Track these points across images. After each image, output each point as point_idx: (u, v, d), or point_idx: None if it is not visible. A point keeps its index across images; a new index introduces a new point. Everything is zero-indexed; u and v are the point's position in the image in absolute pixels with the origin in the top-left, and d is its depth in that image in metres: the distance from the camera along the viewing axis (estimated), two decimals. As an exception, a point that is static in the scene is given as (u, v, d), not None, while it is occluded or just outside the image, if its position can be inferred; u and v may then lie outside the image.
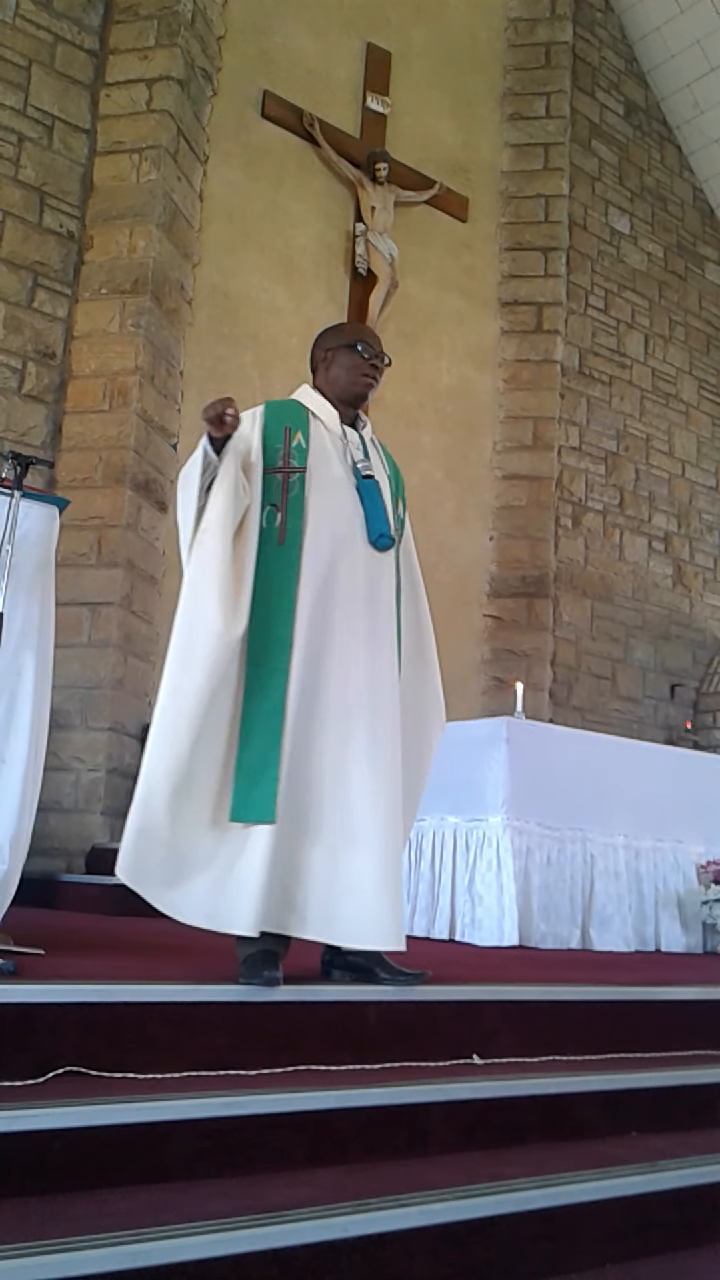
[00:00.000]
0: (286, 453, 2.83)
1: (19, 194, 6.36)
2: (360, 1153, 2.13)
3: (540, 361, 8.44)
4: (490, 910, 4.71)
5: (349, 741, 2.65)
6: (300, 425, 2.89)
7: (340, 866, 2.59)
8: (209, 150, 7.11)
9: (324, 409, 2.96)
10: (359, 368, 2.96)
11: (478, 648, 7.97)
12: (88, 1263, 1.54)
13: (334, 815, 2.62)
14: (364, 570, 2.79)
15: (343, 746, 2.65)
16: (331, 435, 2.91)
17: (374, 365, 2.96)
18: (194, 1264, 1.62)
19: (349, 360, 2.96)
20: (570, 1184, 2.09)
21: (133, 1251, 1.58)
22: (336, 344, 3.00)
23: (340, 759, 2.64)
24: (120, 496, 6.18)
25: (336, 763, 2.64)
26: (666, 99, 9.73)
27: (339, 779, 2.63)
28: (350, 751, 2.65)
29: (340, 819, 2.62)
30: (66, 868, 5.70)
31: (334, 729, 2.66)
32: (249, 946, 2.55)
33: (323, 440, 2.89)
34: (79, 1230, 1.62)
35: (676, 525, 9.40)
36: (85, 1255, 1.55)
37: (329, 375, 2.99)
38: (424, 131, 8.24)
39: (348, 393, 2.98)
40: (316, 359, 3.05)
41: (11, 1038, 2.05)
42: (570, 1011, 2.85)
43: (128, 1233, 1.63)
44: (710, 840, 5.57)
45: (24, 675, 2.77)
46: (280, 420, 2.89)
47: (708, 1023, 3.07)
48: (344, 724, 2.66)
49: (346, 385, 2.97)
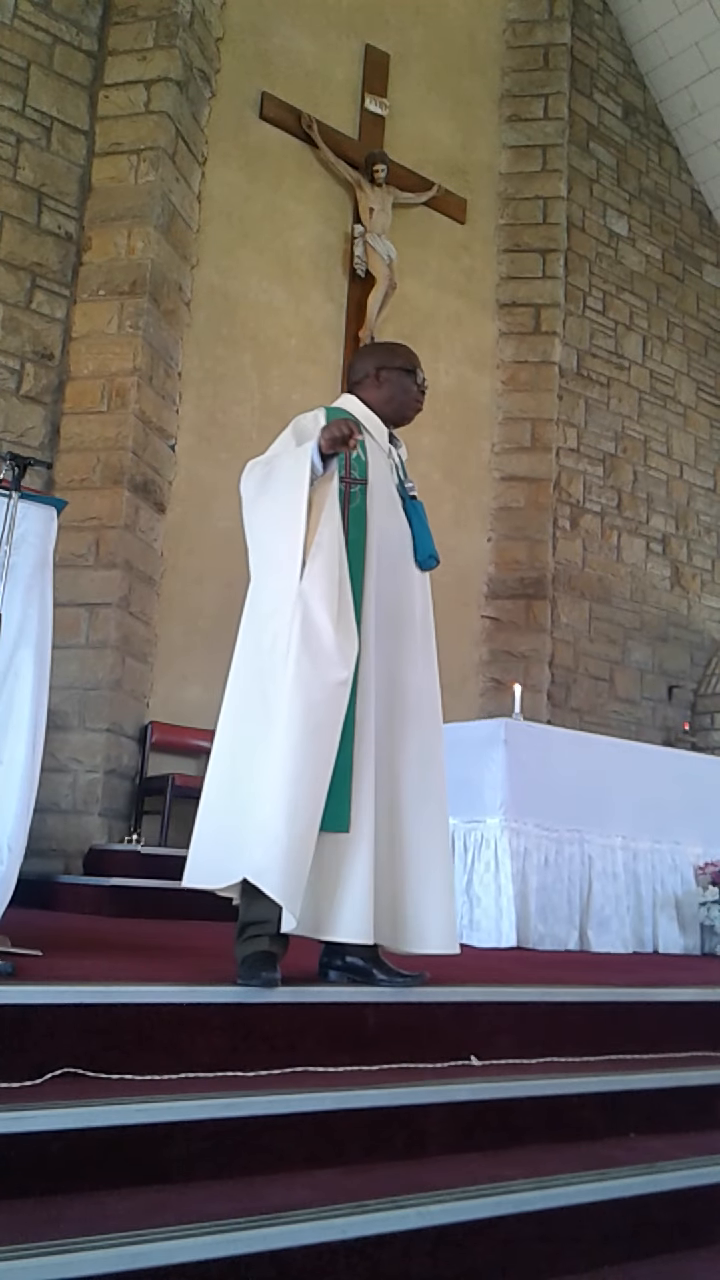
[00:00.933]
0: (348, 462, 2.83)
1: (17, 195, 6.36)
2: (358, 1154, 2.13)
3: (538, 363, 8.45)
4: (488, 911, 4.71)
5: (402, 751, 2.73)
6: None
7: (400, 873, 2.67)
8: (207, 151, 7.11)
9: (375, 425, 2.97)
10: (412, 393, 3.00)
11: (476, 649, 7.97)
12: (86, 1264, 1.54)
13: (396, 824, 2.69)
14: (412, 586, 2.87)
15: (399, 754, 2.73)
16: (380, 452, 2.94)
17: (423, 393, 3.03)
18: (192, 1265, 1.62)
19: (406, 384, 3.00)
20: (568, 1185, 2.09)
21: (131, 1253, 1.58)
22: (393, 365, 3.00)
23: (395, 768, 2.72)
24: (118, 497, 6.17)
25: (392, 772, 2.71)
26: (665, 101, 9.74)
27: (394, 788, 2.71)
28: (403, 760, 2.73)
29: (400, 828, 2.69)
30: (64, 869, 5.69)
31: (390, 739, 2.72)
32: (247, 947, 2.55)
33: (376, 455, 2.92)
34: (77, 1231, 1.62)
35: (674, 527, 9.40)
36: (84, 1256, 1.55)
37: (381, 394, 2.99)
38: (422, 133, 8.25)
39: (397, 414, 3.01)
40: (364, 373, 3.02)
41: (10, 1039, 2.05)
42: (568, 1013, 2.85)
43: (126, 1234, 1.63)
44: (708, 842, 5.57)
45: (22, 676, 2.77)
46: None
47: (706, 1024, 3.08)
48: (399, 735, 2.74)
49: (399, 408, 3.00)
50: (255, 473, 2.80)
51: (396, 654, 2.79)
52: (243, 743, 2.64)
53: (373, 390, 3.00)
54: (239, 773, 2.62)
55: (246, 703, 2.67)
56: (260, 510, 2.76)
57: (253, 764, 2.58)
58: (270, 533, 2.72)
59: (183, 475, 6.76)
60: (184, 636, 6.58)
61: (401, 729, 2.76)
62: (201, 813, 2.68)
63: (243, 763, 2.61)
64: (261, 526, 2.76)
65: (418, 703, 2.80)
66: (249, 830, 2.52)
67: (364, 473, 2.84)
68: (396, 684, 2.78)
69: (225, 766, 2.66)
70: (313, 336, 7.51)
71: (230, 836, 2.58)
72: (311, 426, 2.80)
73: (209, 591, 6.68)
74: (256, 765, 2.56)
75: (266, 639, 2.64)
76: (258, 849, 2.47)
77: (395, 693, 2.76)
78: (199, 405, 6.91)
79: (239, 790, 2.60)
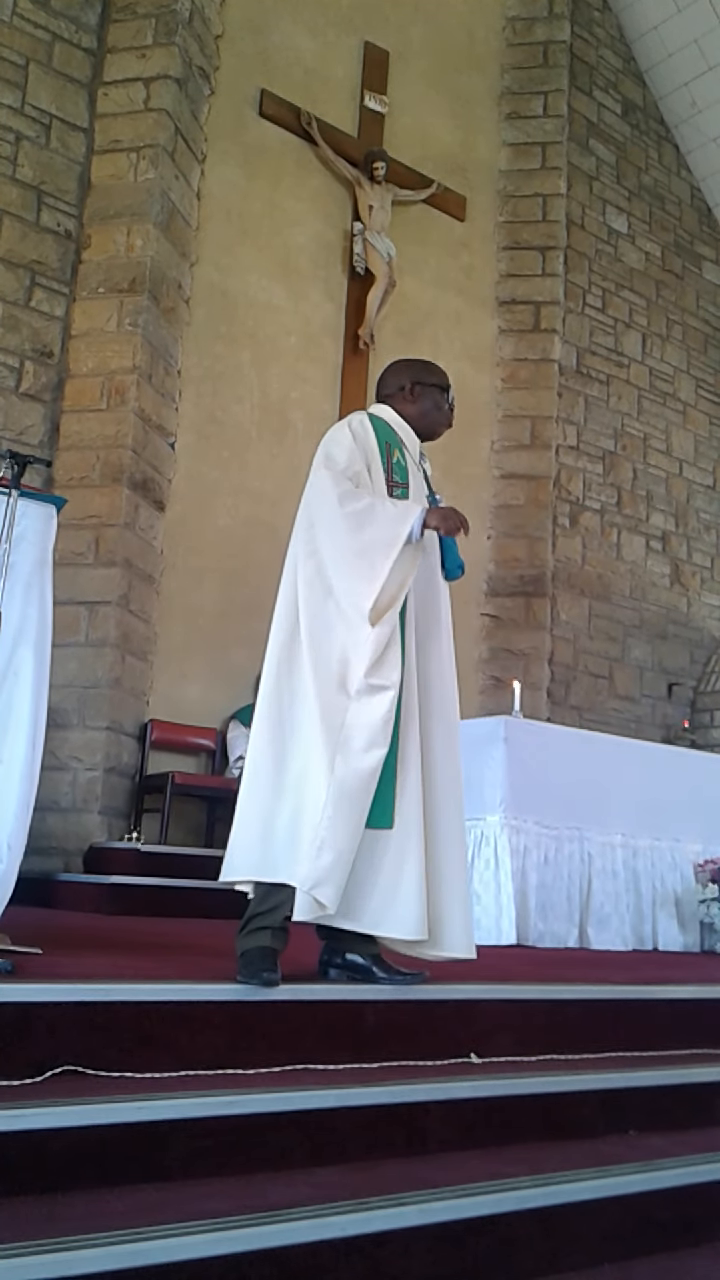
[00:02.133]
0: (389, 467, 2.89)
1: (16, 192, 6.35)
2: (358, 1152, 2.13)
3: (538, 360, 8.44)
4: (488, 909, 4.71)
5: (430, 751, 2.78)
6: (396, 444, 2.96)
7: (430, 873, 2.68)
8: (207, 149, 7.10)
9: (409, 435, 3.04)
10: (444, 410, 3.08)
11: (475, 647, 7.97)
12: (86, 1262, 1.54)
13: (429, 824, 2.72)
14: (439, 592, 2.95)
15: (429, 755, 2.78)
16: (413, 462, 2.99)
17: (452, 411, 3.11)
18: (192, 1263, 1.62)
19: (439, 400, 3.07)
20: (568, 1183, 2.09)
21: (131, 1251, 1.58)
22: (429, 381, 3.07)
23: (428, 769, 2.76)
24: (118, 495, 6.17)
25: (421, 772, 2.74)
26: (664, 98, 9.73)
27: (428, 788, 2.75)
28: (431, 761, 2.78)
29: (431, 828, 2.73)
30: (64, 867, 5.70)
31: (421, 739, 2.77)
32: (248, 943, 2.56)
33: (412, 464, 2.97)
34: (77, 1229, 1.62)
35: (674, 524, 9.40)
36: (83, 1255, 1.55)
37: (415, 408, 3.04)
38: (422, 130, 8.24)
39: (429, 430, 3.08)
40: (398, 386, 3.07)
41: (9, 1037, 2.05)
42: (568, 1010, 2.85)
43: (126, 1232, 1.63)
44: (708, 839, 5.57)
45: (22, 674, 2.77)
46: (383, 434, 2.94)
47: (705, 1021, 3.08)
48: (428, 737, 2.79)
49: (432, 423, 3.07)
50: (351, 501, 2.77)
51: (426, 658, 2.86)
52: (290, 746, 2.68)
53: (406, 404, 3.05)
54: (286, 777, 2.66)
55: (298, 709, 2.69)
56: (347, 541, 2.74)
57: (305, 769, 2.63)
58: (352, 566, 2.72)
59: (182, 473, 6.76)
60: (183, 635, 6.58)
61: (429, 731, 2.81)
62: (243, 806, 2.70)
63: (292, 767, 2.66)
64: (343, 557, 2.75)
65: (441, 706, 2.87)
66: (302, 831, 2.57)
67: (404, 477, 2.91)
68: (426, 688, 2.84)
69: (269, 765, 2.69)
70: (312, 334, 7.50)
71: (278, 835, 2.62)
72: (361, 433, 2.87)
73: (209, 589, 6.69)
74: (310, 772, 2.61)
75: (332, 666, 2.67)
76: (309, 858, 2.53)
77: (424, 696, 2.83)
78: (198, 403, 6.91)
79: (285, 790, 2.65)
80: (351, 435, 2.88)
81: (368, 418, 2.95)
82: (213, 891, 4.86)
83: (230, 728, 6.53)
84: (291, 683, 2.71)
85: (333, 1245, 1.75)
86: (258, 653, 2.95)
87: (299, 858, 2.54)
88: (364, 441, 2.87)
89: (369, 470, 2.85)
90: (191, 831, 6.42)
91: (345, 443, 2.86)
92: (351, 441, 2.86)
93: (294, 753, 2.66)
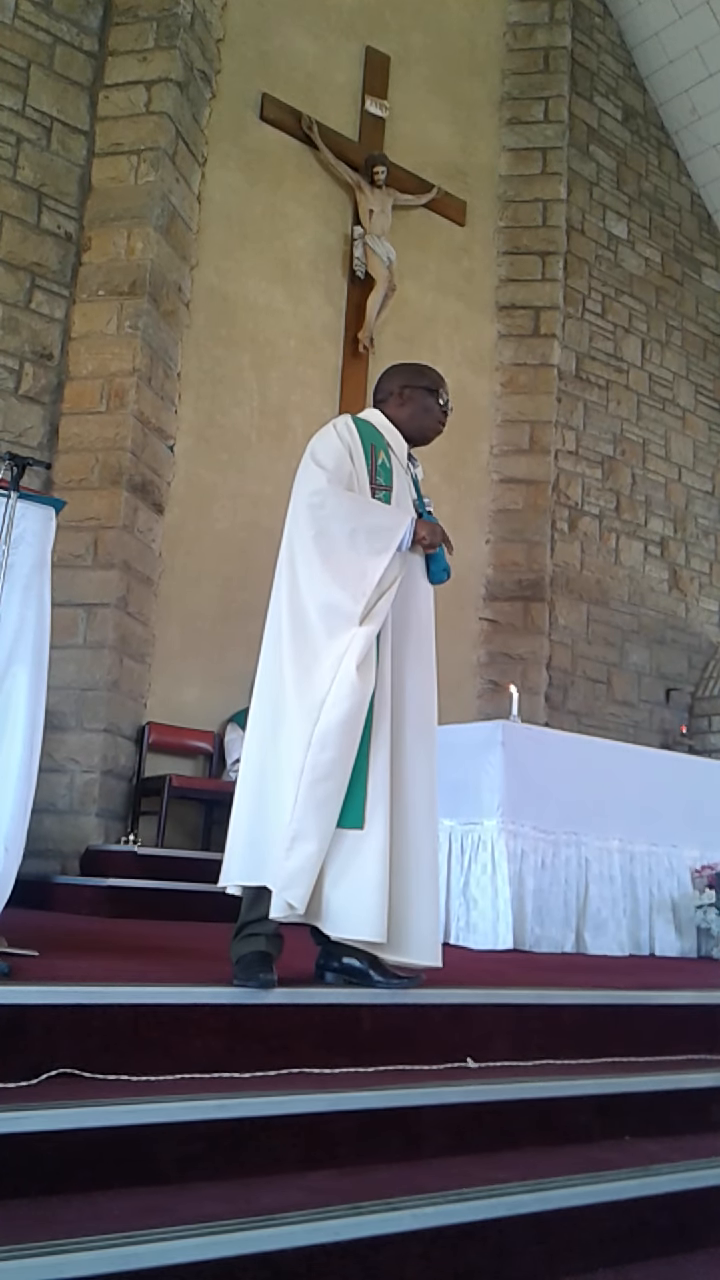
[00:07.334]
0: (373, 469, 2.90)
1: (17, 195, 6.36)
2: (353, 1156, 2.13)
3: (537, 366, 8.46)
4: (485, 914, 4.71)
5: (400, 755, 2.77)
6: (382, 447, 2.96)
7: (398, 876, 2.68)
8: (207, 152, 7.11)
9: (396, 439, 3.04)
10: (436, 414, 3.07)
11: (473, 651, 7.98)
12: (79, 1265, 1.54)
13: (398, 827, 2.71)
14: (420, 595, 2.94)
15: (401, 759, 2.77)
16: (400, 465, 3.00)
17: (446, 414, 3.10)
18: (186, 1267, 1.62)
19: (430, 404, 3.06)
20: (563, 1188, 2.09)
21: (125, 1254, 1.58)
22: (420, 384, 3.07)
23: (400, 772, 2.76)
24: (117, 498, 6.17)
25: (397, 776, 2.74)
26: (665, 104, 9.76)
27: (398, 791, 2.74)
28: (402, 764, 2.77)
29: (401, 832, 2.72)
30: (61, 869, 5.69)
31: (396, 743, 2.76)
32: (243, 948, 2.56)
33: (398, 468, 2.98)
34: (71, 1232, 1.62)
35: (673, 530, 9.41)
36: (78, 1257, 1.55)
37: (404, 411, 3.05)
38: (422, 135, 8.25)
39: (419, 433, 3.08)
40: (389, 390, 3.09)
41: (5, 1039, 2.05)
42: (564, 1015, 2.85)
43: (120, 1235, 1.63)
44: (705, 845, 5.57)
45: (19, 676, 2.77)
46: (368, 436, 2.95)
47: (701, 1027, 3.08)
48: (399, 740, 2.78)
49: (421, 427, 3.07)
50: (338, 502, 2.79)
51: (402, 661, 2.85)
52: (273, 751, 2.69)
53: (396, 407, 3.06)
54: (267, 782, 2.68)
55: (280, 714, 2.70)
56: (340, 546, 2.76)
57: (281, 772, 2.64)
58: (339, 574, 2.74)
59: (181, 476, 6.77)
60: (181, 637, 6.58)
61: (401, 734, 2.80)
62: (234, 811, 2.73)
63: (274, 771, 2.67)
64: (332, 563, 2.76)
65: (416, 710, 2.85)
66: (278, 834, 2.58)
67: (389, 480, 2.91)
68: (400, 691, 2.82)
69: (255, 770, 2.72)
70: (312, 338, 7.51)
71: (261, 840, 2.63)
72: (346, 435, 2.88)
73: (207, 592, 6.69)
74: (284, 775, 2.62)
75: (311, 670, 2.68)
76: (278, 859, 2.55)
77: (398, 699, 2.81)
78: (198, 406, 6.91)
79: (267, 795, 2.66)
80: (337, 437, 2.89)
81: (353, 420, 2.96)
82: (210, 895, 4.85)
83: (228, 730, 6.53)
84: (276, 687, 2.72)
85: (327, 1250, 1.75)
86: (255, 656, 2.94)
87: (274, 859, 2.56)
88: (349, 443, 2.88)
89: (354, 471, 2.86)
90: (189, 834, 6.42)
91: (333, 445, 2.87)
92: (338, 443, 2.87)
93: (276, 757, 2.67)
